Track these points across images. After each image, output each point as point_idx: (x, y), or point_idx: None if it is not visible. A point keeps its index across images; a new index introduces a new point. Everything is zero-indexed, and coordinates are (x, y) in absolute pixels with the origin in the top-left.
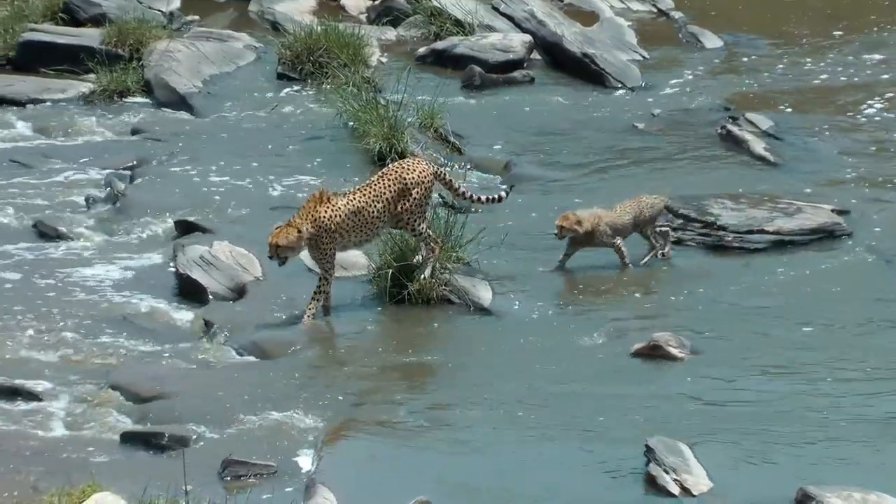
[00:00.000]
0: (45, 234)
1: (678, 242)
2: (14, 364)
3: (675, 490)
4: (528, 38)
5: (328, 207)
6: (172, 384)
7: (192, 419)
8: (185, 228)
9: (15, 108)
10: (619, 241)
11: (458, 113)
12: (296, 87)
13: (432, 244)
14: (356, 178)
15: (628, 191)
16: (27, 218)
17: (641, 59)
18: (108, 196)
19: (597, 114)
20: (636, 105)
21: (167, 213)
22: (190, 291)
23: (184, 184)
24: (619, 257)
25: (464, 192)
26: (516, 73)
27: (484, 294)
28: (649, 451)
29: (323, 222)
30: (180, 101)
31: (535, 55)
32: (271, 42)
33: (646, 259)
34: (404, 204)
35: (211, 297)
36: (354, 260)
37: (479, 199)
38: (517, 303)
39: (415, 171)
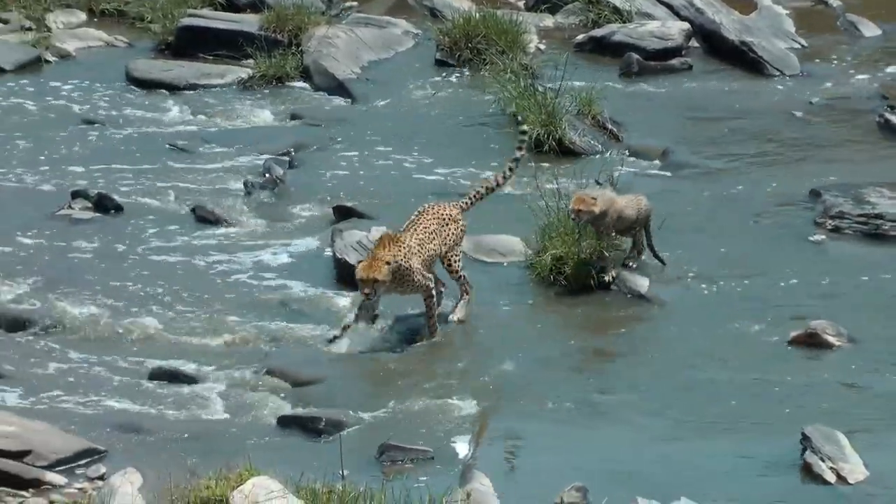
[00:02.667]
0: (204, 218)
1: (836, 230)
2: (173, 348)
3: (832, 478)
4: (686, 25)
5: (399, 246)
6: (329, 369)
7: (349, 404)
8: (343, 213)
9: (174, 93)
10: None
11: (615, 100)
12: (454, 74)
13: (466, 286)
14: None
15: (786, 178)
16: (186, 203)
17: (799, 47)
18: (266, 181)
19: (754, 102)
20: (794, 93)
21: (325, 199)
22: (347, 276)
23: (342, 169)
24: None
25: (497, 183)
26: (674, 61)
27: (641, 281)
28: (805, 440)
29: (399, 258)
30: (339, 87)
31: (693, 43)
32: (429, 28)
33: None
34: (449, 233)
35: None
36: (511, 246)
37: (505, 176)
38: (674, 290)
39: (447, 209)
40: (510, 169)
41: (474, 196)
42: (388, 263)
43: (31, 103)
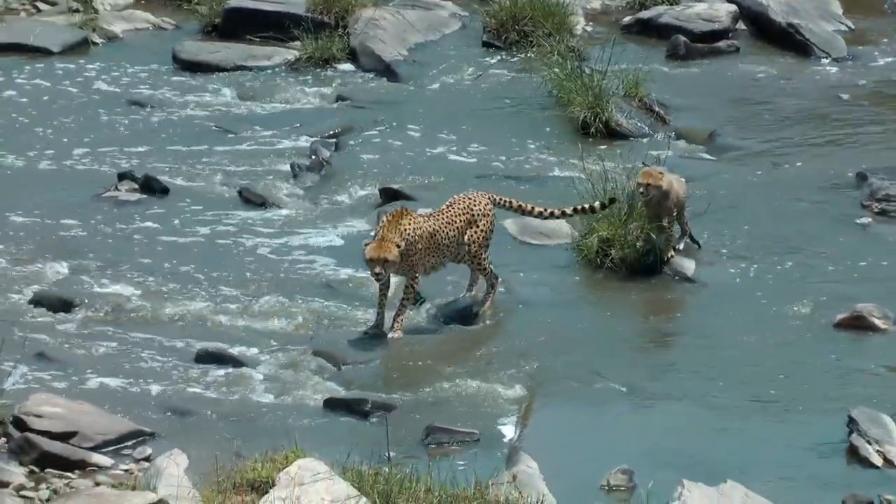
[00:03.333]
0: (251, 201)
1: (882, 213)
2: (219, 330)
3: (878, 461)
4: (733, 7)
5: (411, 220)
6: (375, 351)
7: (395, 386)
8: (390, 195)
9: (221, 74)
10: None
11: (662, 82)
12: (500, 56)
13: (493, 280)
14: (562, 146)
15: (832, 161)
16: (233, 185)
17: (846, 29)
18: (312, 163)
19: (801, 84)
20: (841, 76)
21: (371, 181)
22: None
23: (388, 151)
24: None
25: (540, 212)
26: (721, 43)
27: (687, 263)
28: (852, 423)
29: (409, 235)
30: (385, 69)
31: (740, 25)
32: (476, 11)
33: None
34: (472, 234)
35: None
36: (557, 228)
37: (561, 213)
38: (720, 272)
39: (480, 202)
40: (554, 213)
41: (509, 204)
42: (398, 246)
43: (78, 85)
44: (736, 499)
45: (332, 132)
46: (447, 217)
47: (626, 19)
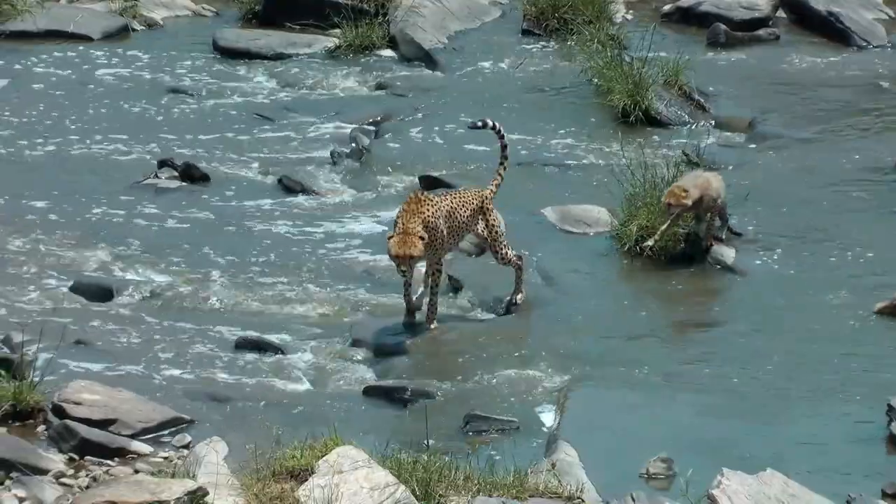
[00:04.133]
0: (291, 188)
1: None
2: (258, 317)
3: None
4: None
5: (429, 204)
6: (415, 339)
7: (434, 374)
8: (430, 183)
9: (261, 62)
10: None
11: (702, 71)
12: (540, 44)
13: (518, 262)
14: (602, 134)
15: (872, 149)
16: (273, 172)
17: (887, 17)
18: (352, 151)
19: (841, 72)
20: (881, 64)
21: (411, 168)
22: None
23: (428, 139)
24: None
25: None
26: (761, 31)
27: (727, 251)
28: (892, 411)
29: (429, 221)
30: (425, 57)
31: (780, 13)
32: None
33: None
34: (488, 223)
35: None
36: (597, 216)
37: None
38: (760, 261)
39: (487, 195)
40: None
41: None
42: (421, 238)
43: (118, 73)
44: (775, 487)
45: (371, 120)
46: (462, 198)
47: (666, 7)
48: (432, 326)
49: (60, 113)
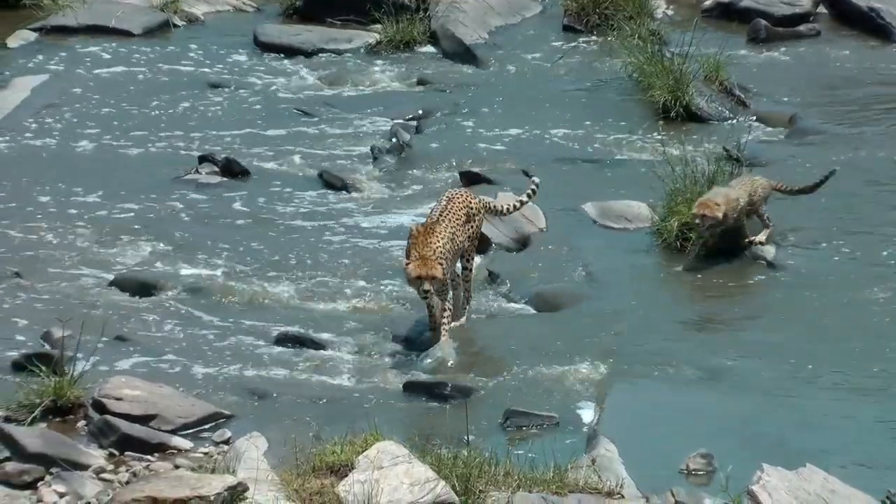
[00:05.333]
0: (331, 183)
1: None
2: (299, 313)
3: None
4: None
5: (437, 236)
6: (454, 335)
7: (474, 370)
8: (470, 179)
9: (301, 57)
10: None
11: (743, 66)
12: (581, 39)
13: (469, 294)
14: (642, 130)
15: None
16: (313, 167)
17: None
18: (393, 147)
19: (882, 68)
20: None
21: (452, 164)
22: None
23: (468, 135)
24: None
25: (506, 209)
26: (802, 27)
27: (768, 247)
28: None
29: (439, 252)
30: (466, 52)
31: (821, 8)
32: None
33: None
34: (468, 232)
35: (494, 247)
36: (637, 212)
37: (517, 205)
38: (801, 256)
39: (473, 201)
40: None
41: (493, 208)
42: (440, 264)
43: (159, 68)
44: (815, 483)
45: (412, 115)
46: (456, 218)
47: (707, 3)
48: (460, 322)
49: (100, 108)
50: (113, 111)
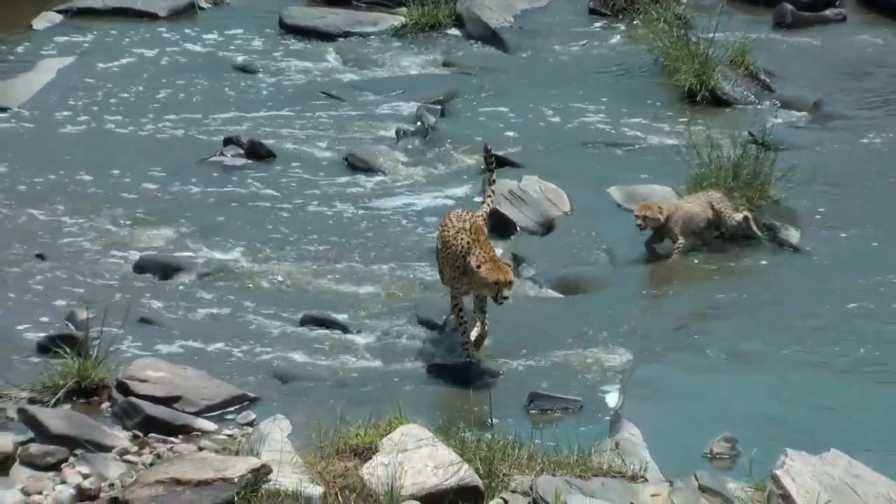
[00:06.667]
0: (356, 166)
1: None
2: (324, 295)
3: None
4: None
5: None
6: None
7: (498, 352)
8: (495, 162)
9: (327, 40)
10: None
11: (768, 51)
12: (606, 23)
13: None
14: (668, 114)
15: None
16: (339, 150)
17: None
18: (418, 129)
19: None
20: None
21: (476, 147)
22: (498, 225)
23: (493, 118)
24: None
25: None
26: (828, 12)
27: (792, 232)
28: None
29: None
30: (491, 36)
31: None
32: None
33: None
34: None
35: (519, 230)
36: (663, 196)
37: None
38: (825, 241)
39: (472, 219)
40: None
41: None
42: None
43: (184, 50)
44: (839, 467)
45: (437, 98)
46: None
47: None
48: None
49: (124, 90)
50: (137, 93)
